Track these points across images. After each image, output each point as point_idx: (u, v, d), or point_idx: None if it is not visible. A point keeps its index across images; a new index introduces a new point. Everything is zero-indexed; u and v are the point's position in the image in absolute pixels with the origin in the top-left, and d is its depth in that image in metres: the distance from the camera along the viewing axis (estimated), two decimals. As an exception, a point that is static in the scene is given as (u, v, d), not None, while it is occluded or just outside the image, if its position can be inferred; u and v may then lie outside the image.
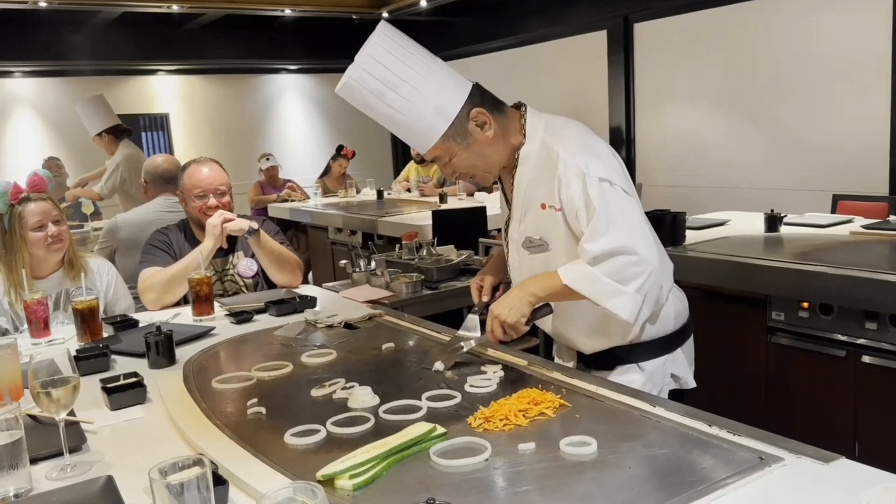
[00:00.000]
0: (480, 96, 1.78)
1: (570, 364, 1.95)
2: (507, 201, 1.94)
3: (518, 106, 1.85)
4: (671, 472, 1.25)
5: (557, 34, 7.76)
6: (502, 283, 2.07)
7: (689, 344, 1.96)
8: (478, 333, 1.88)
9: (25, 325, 2.40)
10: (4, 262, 2.54)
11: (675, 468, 1.26)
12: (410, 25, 9.45)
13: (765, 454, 1.26)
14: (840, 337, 2.74)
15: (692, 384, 1.91)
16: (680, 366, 1.90)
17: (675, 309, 1.88)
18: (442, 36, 9.12)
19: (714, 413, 1.45)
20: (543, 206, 1.78)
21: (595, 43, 7.33)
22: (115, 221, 3.57)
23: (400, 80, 1.70)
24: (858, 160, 5.40)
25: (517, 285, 1.80)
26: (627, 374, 1.82)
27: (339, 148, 7.75)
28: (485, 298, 2.01)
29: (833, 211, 4.42)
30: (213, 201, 2.77)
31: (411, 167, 7.58)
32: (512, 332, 1.75)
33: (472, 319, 1.91)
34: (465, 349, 1.84)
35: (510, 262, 1.97)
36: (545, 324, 1.92)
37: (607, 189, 1.67)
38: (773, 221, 3.53)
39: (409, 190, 7.11)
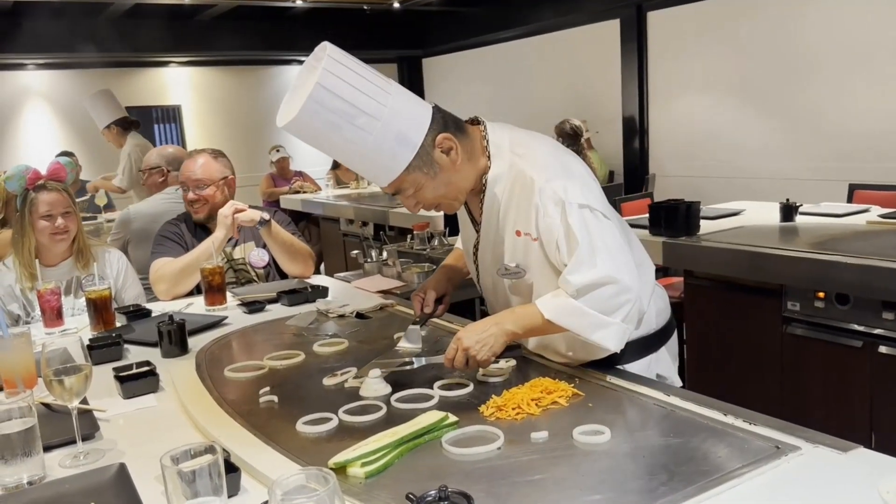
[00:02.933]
0: (443, 120, 1.62)
1: None
2: (475, 222, 1.80)
3: (475, 122, 1.72)
4: (685, 462, 1.24)
5: (570, 23, 7.70)
6: (446, 296, 1.96)
7: (673, 341, 1.90)
8: (419, 346, 1.79)
9: (37, 312, 2.42)
10: (17, 245, 2.56)
11: (690, 457, 1.25)
12: (422, 16, 9.41)
13: (781, 443, 1.25)
14: (856, 327, 2.72)
15: (678, 383, 1.83)
16: (665, 365, 1.83)
17: (656, 307, 1.81)
18: (453, 26, 9.08)
19: (729, 402, 1.44)
20: (518, 234, 1.66)
21: (608, 32, 7.27)
22: (127, 212, 3.58)
23: (357, 110, 1.51)
24: (875, 149, 5.33)
25: (492, 319, 1.67)
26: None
27: None
28: (426, 310, 1.90)
29: (849, 200, 4.36)
30: (191, 194, 2.78)
31: None
32: (475, 365, 1.62)
33: (413, 331, 1.81)
34: (414, 366, 1.71)
35: (483, 284, 1.87)
36: (526, 342, 1.82)
37: (588, 216, 1.57)
38: (788, 211, 3.50)
39: None
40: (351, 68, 1.55)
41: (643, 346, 1.78)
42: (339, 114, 1.51)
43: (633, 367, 1.74)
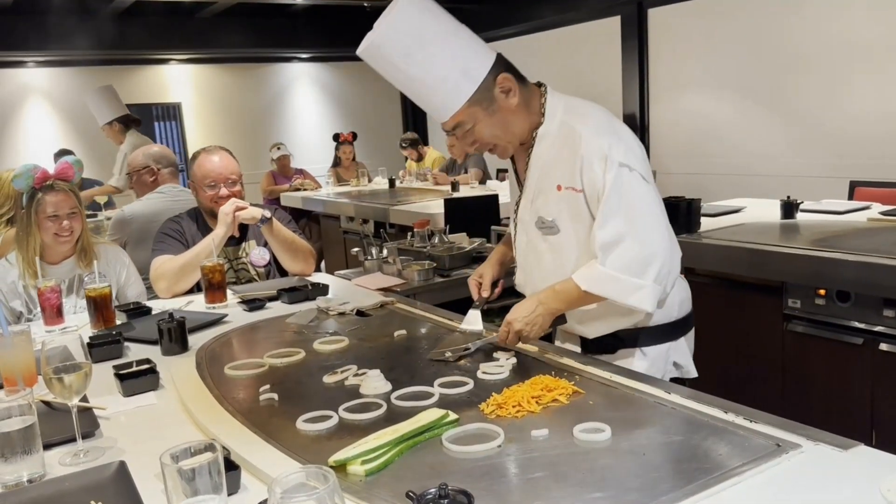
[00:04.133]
0: (506, 64, 1.74)
1: (575, 348, 1.92)
2: (519, 181, 1.90)
3: (539, 85, 1.82)
4: (686, 459, 1.24)
5: (570, 20, 7.69)
6: (501, 279, 2.06)
7: (692, 334, 1.94)
8: (479, 327, 1.90)
9: (38, 310, 2.42)
10: (21, 243, 2.56)
11: (691, 455, 1.25)
12: (422, 13, 9.40)
13: (782, 441, 1.24)
14: (857, 324, 2.71)
15: (694, 373, 1.89)
16: (682, 354, 1.88)
17: (679, 297, 1.86)
18: (454, 23, 9.05)
19: (730, 400, 1.43)
20: (560, 188, 1.74)
21: (609, 29, 7.25)
22: (122, 213, 3.53)
23: (427, 40, 1.66)
24: (876, 146, 5.32)
25: (536, 299, 1.76)
26: (630, 359, 1.81)
27: (336, 136, 7.76)
28: (484, 294, 2.00)
29: (850, 197, 4.36)
30: (224, 191, 2.76)
31: (411, 163, 7.64)
32: (527, 342, 1.79)
33: (474, 314, 1.92)
34: (472, 350, 1.81)
35: (517, 243, 1.94)
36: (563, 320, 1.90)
37: (625, 175, 1.64)
38: (789, 208, 3.50)
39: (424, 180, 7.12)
40: (426, 5, 1.69)
41: (664, 331, 1.83)
42: (410, 41, 1.65)
43: (650, 350, 1.81)
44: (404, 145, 7.70)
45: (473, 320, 1.92)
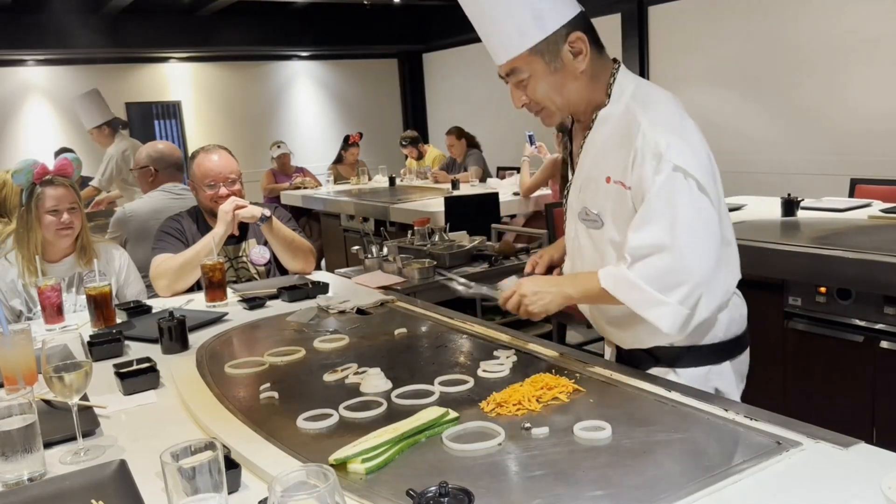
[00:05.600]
0: (586, 25, 1.58)
1: (609, 357, 1.84)
2: (572, 164, 1.75)
3: (614, 61, 1.65)
4: (687, 457, 1.23)
5: (570, 18, 7.68)
6: (558, 266, 1.94)
7: (743, 359, 1.74)
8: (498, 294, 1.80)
9: (38, 308, 2.42)
10: (21, 240, 2.56)
11: (691, 453, 1.25)
12: (422, 11, 9.40)
13: (782, 439, 1.24)
14: (858, 322, 2.71)
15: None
16: (726, 380, 1.69)
17: (729, 317, 1.68)
18: (454, 21, 9.06)
19: (730, 399, 1.43)
20: (609, 180, 1.58)
21: (609, 26, 7.24)
22: (122, 212, 3.54)
23: None
24: (876, 143, 5.32)
25: (556, 279, 1.69)
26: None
27: (346, 138, 7.78)
28: (538, 271, 1.90)
29: (851, 195, 4.36)
30: (223, 190, 2.76)
31: (411, 161, 7.65)
32: (526, 316, 1.68)
33: (511, 279, 1.78)
34: (470, 289, 1.80)
35: (567, 230, 1.80)
36: (584, 309, 1.81)
37: (679, 180, 1.47)
38: (789, 206, 3.49)
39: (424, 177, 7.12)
40: None
41: (704, 353, 1.67)
42: None
43: (686, 372, 1.65)
44: (404, 143, 7.71)
45: (503, 286, 1.77)
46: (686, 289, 1.48)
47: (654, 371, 1.66)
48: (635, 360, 1.71)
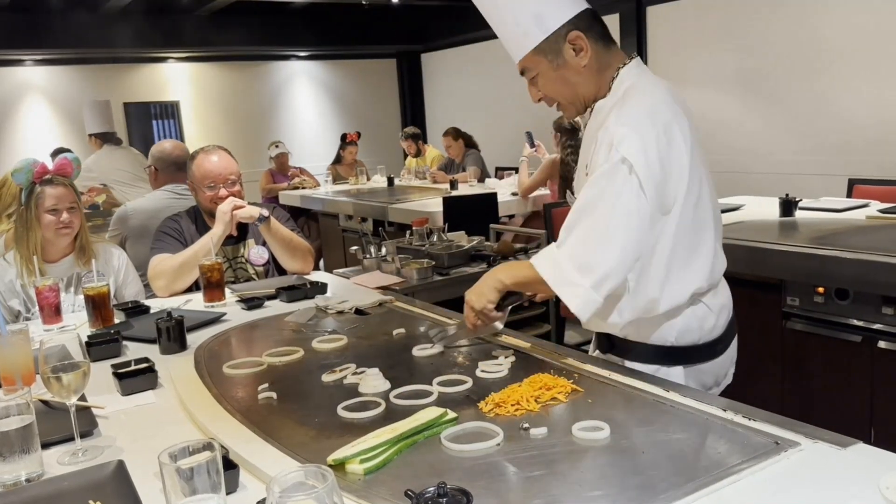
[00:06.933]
0: (589, 21, 1.63)
1: (592, 346, 1.87)
2: None
3: (630, 56, 1.69)
4: (685, 457, 1.23)
5: (569, 18, 7.68)
6: None
7: (705, 368, 1.73)
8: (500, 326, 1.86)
9: (37, 308, 2.41)
10: (20, 240, 2.56)
11: (689, 453, 1.25)
12: (421, 11, 9.39)
13: (781, 439, 1.24)
14: (856, 322, 2.71)
15: None
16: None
17: (684, 324, 1.66)
18: (452, 21, 9.07)
19: (729, 398, 1.43)
20: (586, 173, 1.65)
21: (608, 26, 7.25)
22: (124, 209, 3.57)
23: None
24: (874, 144, 5.32)
25: (489, 272, 1.74)
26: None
27: (344, 137, 7.78)
28: None
29: (849, 195, 4.36)
30: (223, 191, 2.76)
31: (410, 161, 7.65)
32: (483, 318, 1.72)
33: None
34: (448, 334, 1.83)
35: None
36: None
37: (622, 172, 1.49)
38: (788, 206, 3.50)
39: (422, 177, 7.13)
40: None
41: (652, 353, 1.68)
42: None
43: (636, 367, 1.68)
44: (404, 137, 7.73)
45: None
46: (597, 275, 1.51)
47: (609, 355, 1.74)
48: (600, 344, 1.79)
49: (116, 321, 2.33)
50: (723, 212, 3.66)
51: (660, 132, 1.54)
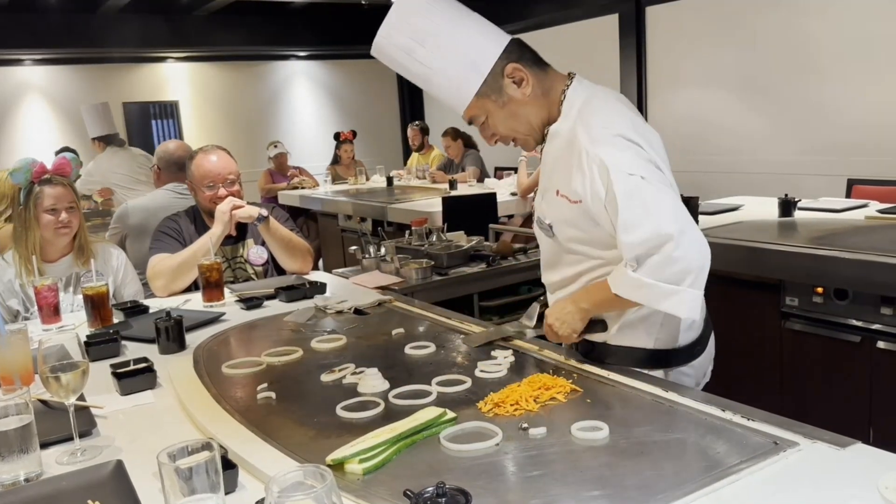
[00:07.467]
0: (519, 51, 1.66)
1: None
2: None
3: (569, 75, 1.70)
4: (684, 458, 1.24)
5: (568, 18, 7.68)
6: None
7: (684, 371, 1.74)
8: (532, 323, 1.86)
9: (36, 308, 2.41)
10: (19, 239, 2.56)
11: (688, 453, 1.25)
12: (420, 11, 9.38)
13: (780, 439, 1.24)
14: (855, 322, 2.71)
15: None
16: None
17: (661, 328, 1.69)
18: (452, 21, 9.04)
19: (728, 398, 1.43)
20: (557, 193, 1.64)
21: (607, 27, 7.25)
22: (125, 208, 3.58)
23: (427, 34, 1.61)
24: (873, 144, 5.33)
25: (570, 298, 1.70)
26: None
27: (337, 135, 7.77)
28: None
29: (848, 195, 4.37)
30: (222, 191, 2.76)
31: (413, 156, 7.62)
32: (563, 340, 1.71)
33: (534, 308, 1.87)
34: (527, 336, 1.86)
35: (537, 233, 1.87)
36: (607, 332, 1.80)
37: (636, 181, 1.51)
38: (787, 206, 3.50)
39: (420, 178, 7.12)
40: (426, 2, 1.65)
41: (633, 357, 1.70)
42: (411, 37, 1.62)
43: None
44: (415, 126, 7.70)
45: (532, 314, 1.86)
46: (693, 275, 1.50)
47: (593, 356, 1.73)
48: (578, 347, 1.77)
49: (115, 321, 2.33)
50: (722, 212, 3.72)
51: (635, 132, 1.60)
